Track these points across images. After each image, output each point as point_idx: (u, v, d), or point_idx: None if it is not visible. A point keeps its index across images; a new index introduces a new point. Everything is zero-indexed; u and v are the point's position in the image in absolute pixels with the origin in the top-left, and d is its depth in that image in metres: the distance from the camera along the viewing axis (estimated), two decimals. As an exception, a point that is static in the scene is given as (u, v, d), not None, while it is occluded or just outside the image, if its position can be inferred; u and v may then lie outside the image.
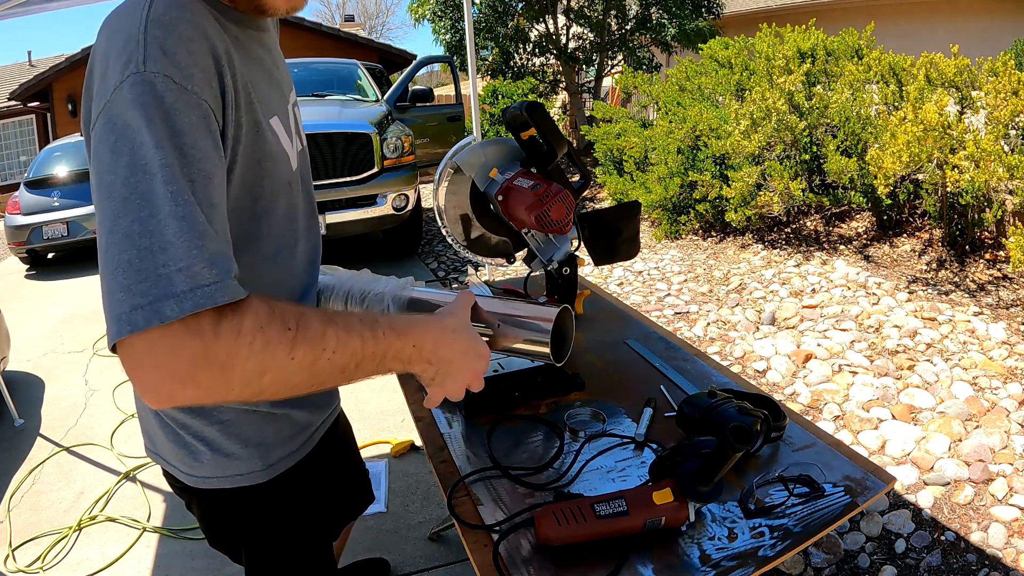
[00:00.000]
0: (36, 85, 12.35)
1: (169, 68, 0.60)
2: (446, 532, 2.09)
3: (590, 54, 9.08)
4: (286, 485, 0.93)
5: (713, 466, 0.87)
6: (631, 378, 1.33)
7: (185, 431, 0.87)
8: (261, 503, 0.93)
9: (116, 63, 0.60)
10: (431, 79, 20.03)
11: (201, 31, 0.65)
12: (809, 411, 2.59)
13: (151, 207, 0.56)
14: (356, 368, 0.66)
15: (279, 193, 0.81)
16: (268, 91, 0.79)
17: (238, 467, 0.88)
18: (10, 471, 2.69)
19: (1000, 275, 3.38)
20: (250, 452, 0.88)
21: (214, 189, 0.62)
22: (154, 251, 0.55)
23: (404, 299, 0.94)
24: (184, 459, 0.88)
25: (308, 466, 0.96)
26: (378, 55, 13.25)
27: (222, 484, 0.89)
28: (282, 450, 0.91)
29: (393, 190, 4.82)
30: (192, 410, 0.85)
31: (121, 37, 0.62)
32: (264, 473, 0.90)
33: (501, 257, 1.45)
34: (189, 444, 0.87)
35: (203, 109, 0.62)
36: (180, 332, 0.55)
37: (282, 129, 0.81)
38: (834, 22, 6.48)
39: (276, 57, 0.87)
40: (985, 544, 1.89)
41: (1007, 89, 3.20)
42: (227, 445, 0.86)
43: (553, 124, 1.29)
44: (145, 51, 0.60)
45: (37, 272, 6.43)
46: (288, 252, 0.86)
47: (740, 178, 4.26)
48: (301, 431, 0.94)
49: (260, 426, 0.88)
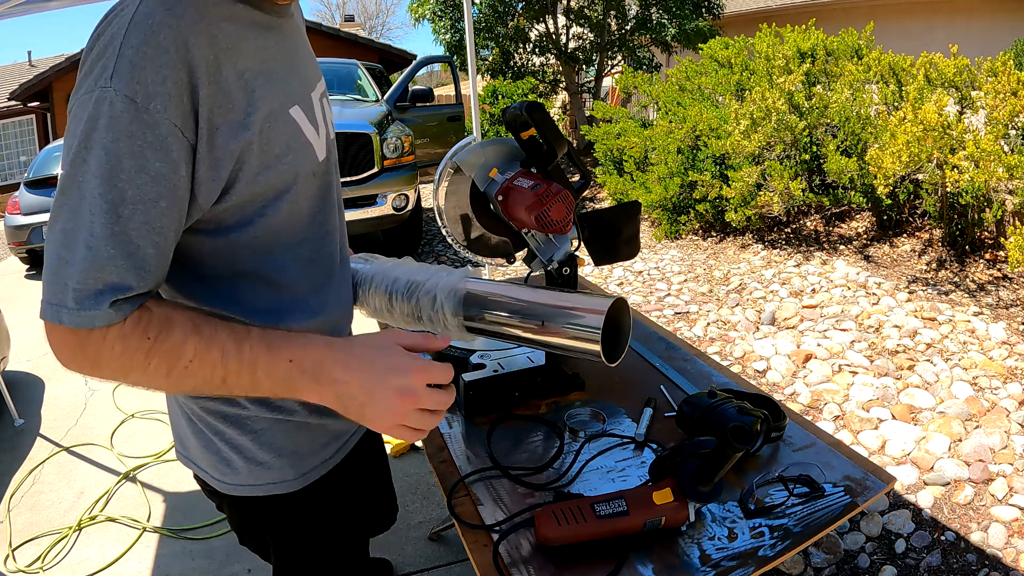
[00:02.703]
0: (36, 85, 12.36)
1: (131, 87, 0.61)
2: (446, 532, 2.09)
3: (590, 54, 9.08)
4: (319, 492, 0.92)
5: (713, 466, 0.87)
6: (631, 378, 1.33)
7: (219, 438, 0.86)
8: (293, 510, 0.92)
9: (96, 63, 0.63)
10: (431, 79, 20.03)
11: (181, 41, 0.64)
12: (809, 411, 2.59)
13: (75, 223, 0.63)
14: (223, 382, 0.67)
15: (302, 186, 0.79)
16: (285, 81, 0.76)
17: (271, 476, 0.87)
18: (10, 471, 2.69)
19: (1000, 275, 3.38)
20: (283, 461, 0.87)
21: (158, 212, 0.65)
22: (66, 262, 0.63)
23: (459, 294, 0.83)
24: (217, 466, 0.88)
25: (341, 473, 0.95)
26: (378, 55, 13.24)
27: (255, 492, 0.88)
28: (316, 458, 0.91)
29: (393, 190, 4.82)
30: (227, 418, 0.85)
31: (108, 33, 0.63)
32: (298, 482, 0.89)
33: (501, 257, 1.45)
34: (222, 452, 0.86)
35: (160, 131, 0.63)
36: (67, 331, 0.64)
37: (305, 119, 0.78)
38: (834, 22, 6.49)
39: (298, 44, 0.84)
40: (985, 544, 1.89)
41: (1007, 89, 3.20)
42: (260, 454, 0.86)
43: (553, 124, 1.29)
44: (116, 64, 0.61)
45: (37, 272, 6.43)
46: (314, 244, 0.84)
47: (740, 178, 4.26)
48: (335, 439, 0.93)
49: (294, 435, 0.87)
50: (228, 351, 0.66)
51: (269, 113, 0.72)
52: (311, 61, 0.88)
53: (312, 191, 0.82)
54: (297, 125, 0.77)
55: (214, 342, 0.66)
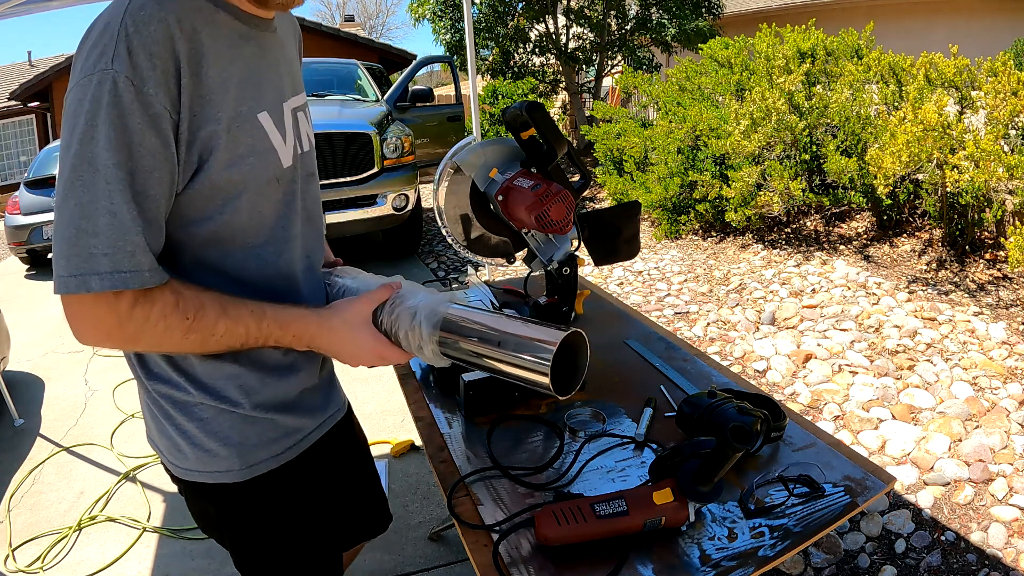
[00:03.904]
0: (36, 85, 12.35)
1: (130, 70, 0.68)
2: (446, 532, 2.09)
3: (590, 54, 9.08)
4: (269, 486, 0.94)
5: (713, 466, 0.87)
6: (631, 378, 1.33)
7: (169, 423, 0.89)
8: (241, 500, 0.94)
9: (94, 50, 0.69)
10: (431, 79, 20.02)
11: (168, 33, 0.71)
12: (809, 411, 2.59)
13: (92, 195, 0.68)
14: (242, 346, 0.83)
15: (265, 188, 0.84)
16: (257, 88, 0.82)
17: (218, 464, 0.90)
18: (10, 471, 2.69)
19: (1000, 275, 3.38)
20: (230, 451, 0.89)
21: (154, 182, 0.72)
22: (88, 234, 0.68)
23: (438, 317, 0.86)
24: (170, 450, 0.92)
25: (296, 470, 0.96)
26: (378, 55, 13.24)
27: (204, 479, 0.91)
28: (264, 452, 0.92)
29: (393, 190, 4.82)
30: (176, 404, 0.88)
31: (103, 22, 0.70)
32: (243, 472, 0.91)
33: (501, 257, 1.45)
34: (172, 437, 0.90)
35: (155, 110, 0.70)
36: (102, 306, 0.71)
37: (273, 126, 0.84)
38: (834, 22, 6.49)
39: (278, 58, 0.89)
40: (985, 544, 1.89)
41: (1007, 89, 3.20)
42: (207, 442, 0.89)
43: (553, 124, 1.29)
44: (115, 48, 0.68)
45: (37, 272, 6.43)
46: (275, 249, 0.88)
47: (740, 178, 4.26)
48: (287, 435, 0.94)
49: (240, 427, 0.89)
50: (250, 329, 0.81)
51: (237, 114, 0.78)
52: (292, 76, 0.94)
53: (276, 196, 0.87)
54: (264, 130, 0.82)
55: (239, 321, 0.80)
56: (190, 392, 0.87)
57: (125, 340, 0.76)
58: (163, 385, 0.87)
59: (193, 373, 0.86)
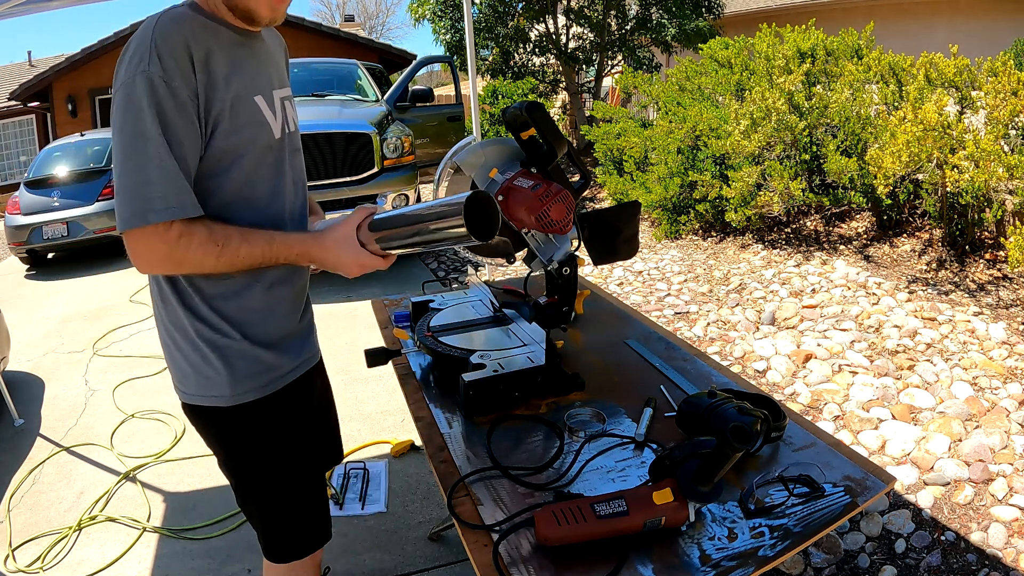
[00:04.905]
0: (36, 85, 12.33)
1: (161, 71, 0.95)
2: (446, 532, 2.09)
3: (590, 54, 9.08)
4: (253, 414, 1.16)
5: (713, 466, 0.87)
6: (631, 378, 1.33)
7: (179, 352, 1.14)
8: (229, 423, 1.16)
9: (134, 57, 0.96)
10: (431, 79, 20.01)
11: (185, 42, 0.98)
12: (809, 411, 2.60)
13: (145, 158, 0.95)
14: (260, 264, 1.08)
15: (260, 152, 1.10)
16: (251, 78, 1.08)
17: (213, 389, 1.13)
18: (10, 471, 2.69)
19: (1000, 275, 3.38)
20: (222, 378, 1.13)
21: (185, 150, 0.99)
22: (144, 183, 0.95)
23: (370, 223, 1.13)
24: (179, 377, 1.16)
25: (274, 403, 1.18)
26: (378, 55, 13.22)
27: (203, 402, 1.15)
28: (251, 383, 1.15)
29: (393, 190, 4.82)
30: (185, 334, 1.12)
31: (138, 38, 0.97)
32: (232, 398, 1.13)
33: (501, 257, 1.45)
34: (181, 365, 1.15)
35: (181, 98, 0.97)
36: (156, 237, 0.98)
37: (265, 106, 1.10)
38: (834, 22, 6.49)
39: (266, 58, 1.15)
40: (985, 544, 1.89)
41: (1007, 89, 3.20)
42: (205, 368, 1.13)
43: (553, 124, 1.29)
44: (149, 56, 0.95)
45: (37, 272, 6.43)
46: (267, 199, 1.14)
47: (740, 178, 4.26)
48: (268, 370, 1.17)
49: (231, 359, 1.13)
50: (264, 251, 1.07)
51: (236, 95, 1.04)
52: (279, 73, 1.21)
53: (269, 160, 1.13)
54: (258, 107, 1.09)
55: (256, 246, 1.06)
56: (195, 323, 1.11)
57: (173, 264, 1.02)
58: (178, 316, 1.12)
59: (199, 311, 1.10)
